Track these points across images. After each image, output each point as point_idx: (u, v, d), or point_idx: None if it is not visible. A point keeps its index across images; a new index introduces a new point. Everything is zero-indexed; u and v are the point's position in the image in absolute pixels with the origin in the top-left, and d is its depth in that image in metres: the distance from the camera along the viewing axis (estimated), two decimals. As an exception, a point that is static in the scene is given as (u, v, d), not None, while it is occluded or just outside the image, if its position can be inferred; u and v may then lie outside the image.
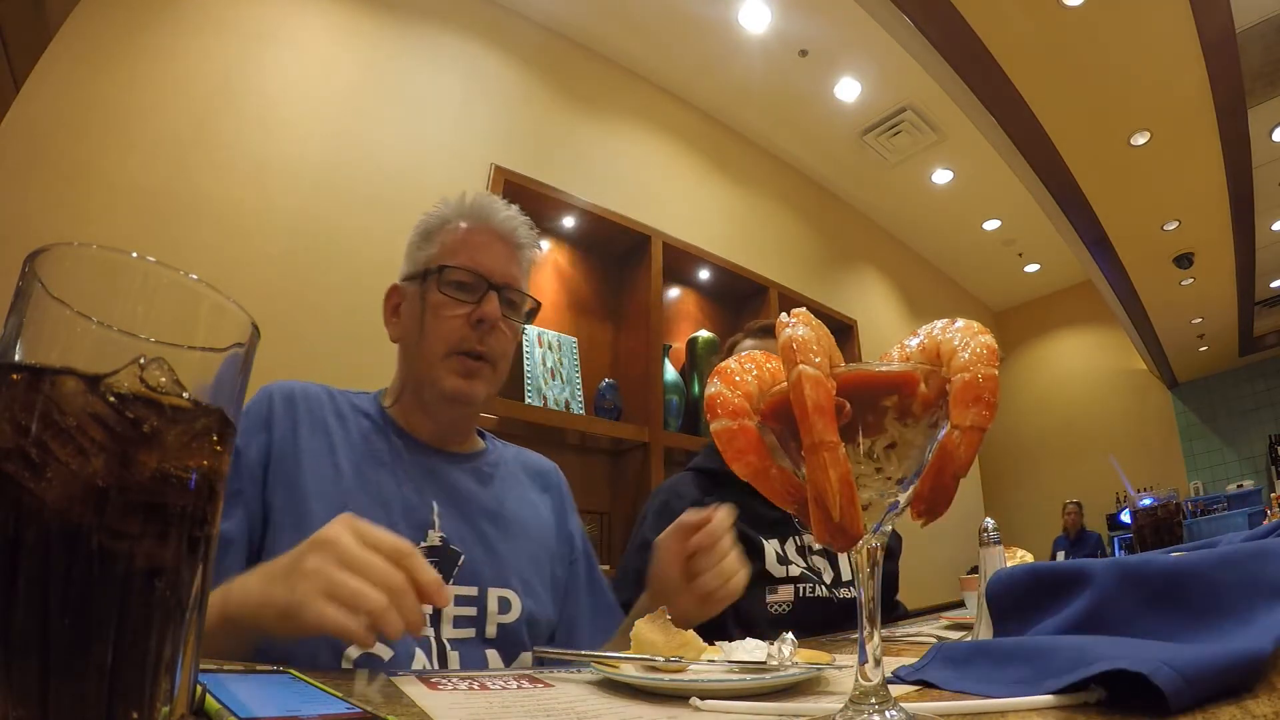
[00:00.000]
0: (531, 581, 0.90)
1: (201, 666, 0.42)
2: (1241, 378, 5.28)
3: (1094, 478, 5.01)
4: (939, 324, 0.40)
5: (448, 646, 0.79)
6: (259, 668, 0.50)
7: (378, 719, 0.37)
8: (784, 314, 0.37)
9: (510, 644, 0.84)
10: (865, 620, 0.38)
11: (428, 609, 0.72)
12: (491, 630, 0.83)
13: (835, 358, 0.37)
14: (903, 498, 0.38)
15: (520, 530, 0.93)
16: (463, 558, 0.84)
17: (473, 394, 0.89)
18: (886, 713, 0.35)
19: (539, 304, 0.97)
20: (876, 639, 0.37)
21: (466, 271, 0.89)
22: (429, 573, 0.54)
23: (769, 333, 1.40)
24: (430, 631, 0.78)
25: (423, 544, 0.82)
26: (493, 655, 0.82)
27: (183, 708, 0.27)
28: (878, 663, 0.37)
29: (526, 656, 0.85)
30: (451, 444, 0.95)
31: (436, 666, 0.77)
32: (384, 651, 0.74)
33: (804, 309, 0.39)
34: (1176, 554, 0.50)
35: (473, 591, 0.83)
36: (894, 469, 0.38)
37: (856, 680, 0.37)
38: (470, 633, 0.81)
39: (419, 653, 0.76)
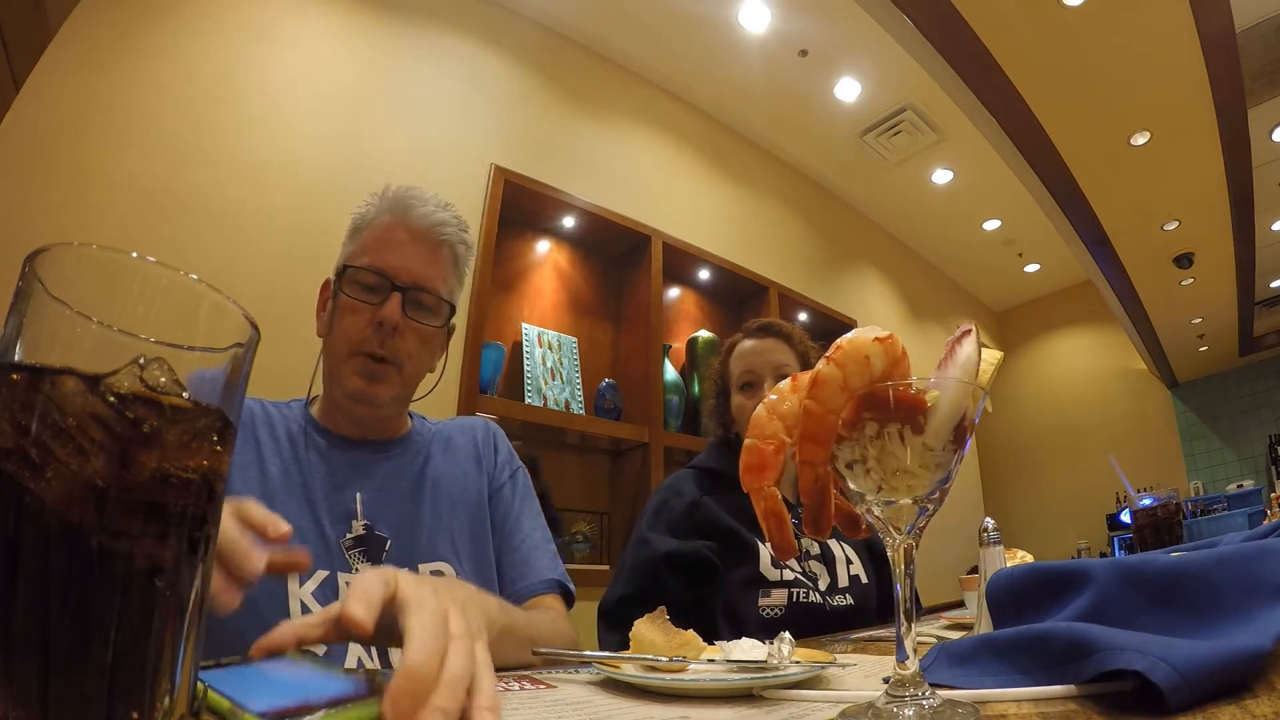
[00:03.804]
0: (467, 551, 0.90)
1: (200, 663, 0.42)
2: (1241, 378, 5.27)
3: (1094, 478, 5.00)
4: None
5: None
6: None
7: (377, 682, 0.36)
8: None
9: None
10: (902, 616, 0.40)
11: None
12: None
13: (857, 381, 0.41)
14: (931, 504, 0.42)
15: (450, 502, 0.93)
16: (389, 542, 0.85)
17: (375, 396, 0.88)
18: (924, 701, 0.37)
19: (454, 307, 0.95)
20: (914, 633, 0.40)
21: (370, 272, 0.88)
22: (259, 514, 0.49)
23: (768, 331, 1.40)
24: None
25: (348, 534, 0.84)
26: None
27: (183, 708, 0.27)
28: (914, 654, 0.40)
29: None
30: (374, 435, 0.95)
31: (377, 660, 0.77)
32: (316, 648, 0.73)
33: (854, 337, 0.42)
34: (1176, 554, 0.50)
35: None
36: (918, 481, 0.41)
37: (895, 671, 0.39)
38: None
39: (354, 645, 0.75)
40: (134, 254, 0.27)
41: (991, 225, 4.54)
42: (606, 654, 0.62)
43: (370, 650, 0.77)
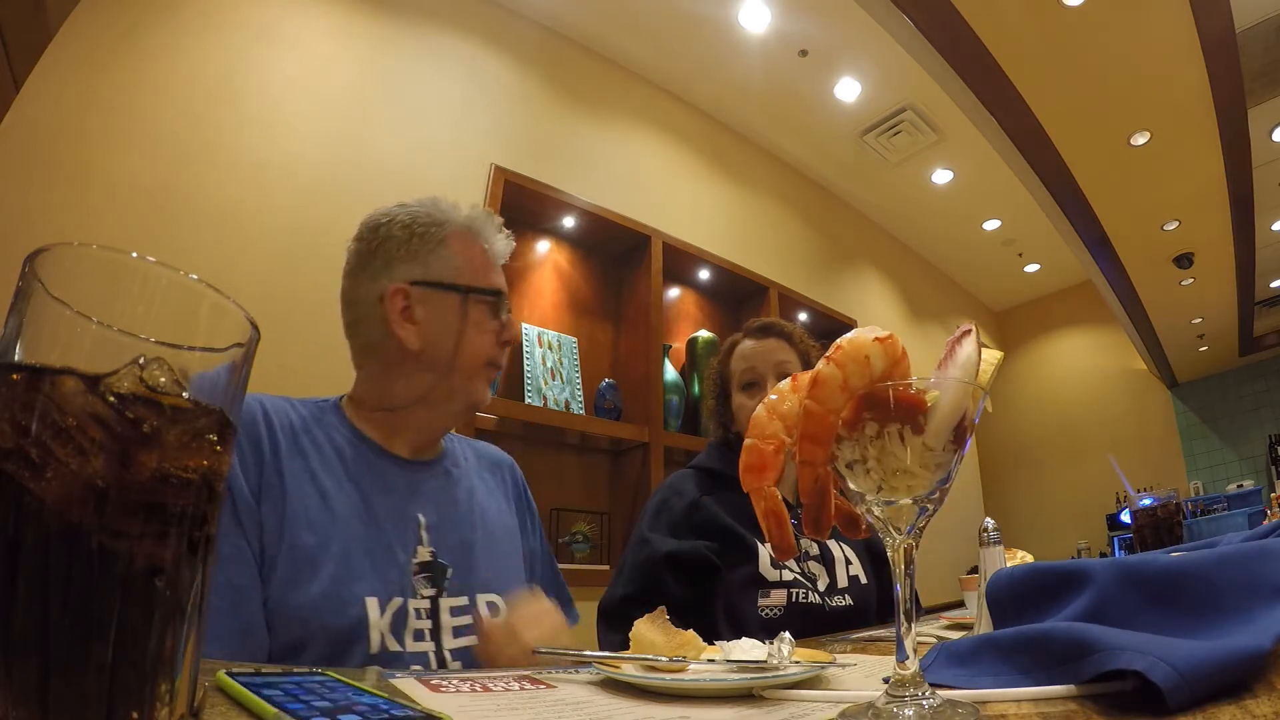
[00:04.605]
0: (509, 581, 0.94)
1: (237, 668, 0.42)
2: (1242, 378, 5.27)
3: (1094, 478, 5.00)
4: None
5: (449, 658, 0.82)
6: (296, 670, 0.50)
7: (433, 718, 0.37)
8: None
9: None
10: (902, 616, 0.40)
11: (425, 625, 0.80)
12: None
13: (857, 381, 0.41)
14: (931, 504, 0.42)
15: (490, 532, 0.96)
16: (450, 570, 0.86)
17: (489, 400, 0.98)
18: (924, 701, 0.37)
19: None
20: (914, 633, 0.40)
21: (498, 294, 0.95)
22: None
23: (768, 331, 1.40)
24: (431, 645, 0.81)
25: (415, 560, 0.83)
26: None
27: (182, 708, 0.27)
28: (914, 654, 0.40)
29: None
30: (425, 453, 0.95)
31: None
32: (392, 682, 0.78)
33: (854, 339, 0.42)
34: (1176, 554, 0.50)
35: (464, 601, 0.86)
36: (918, 480, 0.41)
37: (895, 671, 0.39)
38: (472, 639, 0.84)
39: (415, 668, 0.78)
40: (134, 254, 0.27)
41: (991, 225, 4.54)
42: (606, 654, 0.62)
43: (431, 669, 0.80)
